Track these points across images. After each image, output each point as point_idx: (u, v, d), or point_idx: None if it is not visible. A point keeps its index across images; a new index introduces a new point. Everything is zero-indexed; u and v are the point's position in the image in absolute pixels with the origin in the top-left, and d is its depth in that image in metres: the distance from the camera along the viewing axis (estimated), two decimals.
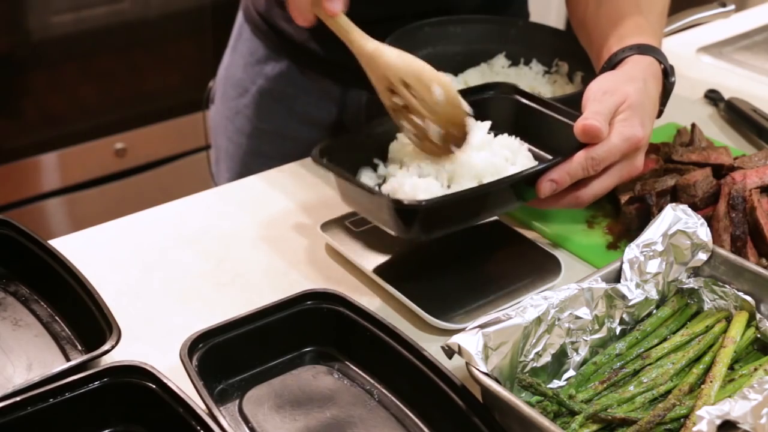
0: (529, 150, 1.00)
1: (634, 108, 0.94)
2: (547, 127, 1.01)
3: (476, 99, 1.00)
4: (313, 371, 0.83)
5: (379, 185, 0.94)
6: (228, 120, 1.38)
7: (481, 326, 0.75)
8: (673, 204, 0.90)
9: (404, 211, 0.86)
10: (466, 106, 0.94)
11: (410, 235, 0.88)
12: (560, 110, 1.00)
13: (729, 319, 0.85)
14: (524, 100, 1.03)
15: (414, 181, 0.91)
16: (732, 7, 1.31)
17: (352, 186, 0.90)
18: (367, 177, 0.95)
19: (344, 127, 1.29)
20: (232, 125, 1.37)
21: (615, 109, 0.94)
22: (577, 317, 0.81)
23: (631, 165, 0.96)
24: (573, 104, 1.15)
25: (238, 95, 1.35)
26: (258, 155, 1.34)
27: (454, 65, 1.22)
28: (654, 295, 0.86)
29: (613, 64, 1.01)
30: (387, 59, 0.93)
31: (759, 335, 0.85)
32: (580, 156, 0.92)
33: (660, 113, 1.03)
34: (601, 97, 0.95)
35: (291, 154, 1.19)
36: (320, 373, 0.83)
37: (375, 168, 0.97)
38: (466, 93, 1.01)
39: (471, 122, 0.95)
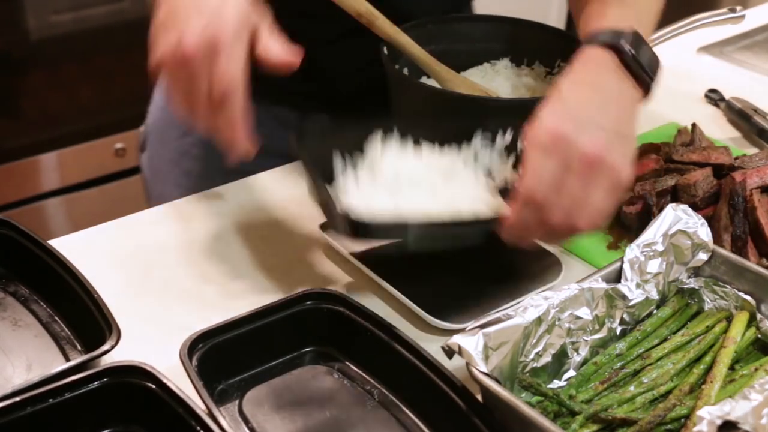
0: None
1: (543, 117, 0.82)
2: None
3: None
4: (313, 371, 0.83)
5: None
6: (173, 164, 1.23)
7: (481, 326, 0.75)
8: (674, 204, 0.90)
9: (354, 224, 0.84)
10: None
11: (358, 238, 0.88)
12: None
13: (729, 320, 0.85)
14: None
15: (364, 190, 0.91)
16: (743, 13, 1.29)
17: (316, 187, 0.88)
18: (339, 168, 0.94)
19: None
20: (178, 169, 1.23)
21: None
22: (578, 317, 0.81)
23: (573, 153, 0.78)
24: None
25: (180, 135, 1.22)
26: None
27: (457, 63, 1.22)
28: (654, 295, 0.86)
29: None
30: None
31: (759, 335, 0.84)
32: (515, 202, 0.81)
33: (647, 88, 0.87)
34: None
35: None
36: (320, 373, 0.83)
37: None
38: None
39: None
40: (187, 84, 0.78)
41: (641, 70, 0.85)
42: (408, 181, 0.92)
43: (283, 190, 1.11)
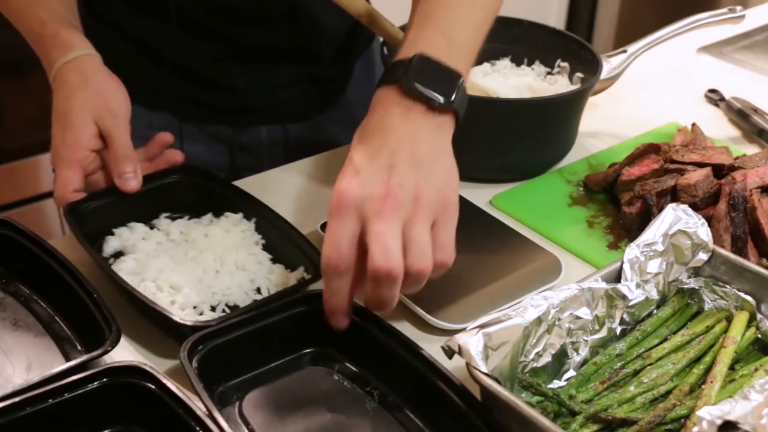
0: None
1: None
2: None
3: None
4: (313, 373, 0.83)
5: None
6: None
7: (481, 326, 0.75)
8: (674, 204, 0.89)
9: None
10: None
11: None
12: None
13: (729, 320, 0.85)
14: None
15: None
16: (743, 13, 1.29)
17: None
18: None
19: (245, 165, 1.22)
20: None
21: None
22: (578, 317, 0.81)
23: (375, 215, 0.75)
24: (569, 103, 1.16)
25: None
26: None
27: None
28: (654, 295, 0.86)
29: None
30: None
31: (759, 335, 0.84)
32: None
33: (444, 109, 0.82)
34: None
35: None
36: (320, 374, 0.83)
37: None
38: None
39: None
40: None
41: (428, 95, 0.80)
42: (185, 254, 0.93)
43: (282, 189, 1.11)
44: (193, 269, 0.90)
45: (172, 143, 1.03)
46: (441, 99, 0.81)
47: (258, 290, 0.91)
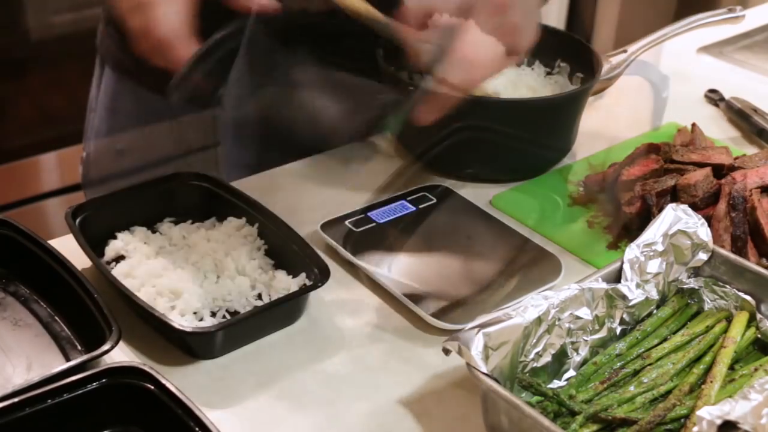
0: None
1: None
2: None
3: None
4: None
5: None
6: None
7: (481, 326, 0.75)
8: (674, 204, 0.89)
9: None
10: None
11: None
12: None
13: (729, 319, 0.85)
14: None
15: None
16: (742, 13, 1.29)
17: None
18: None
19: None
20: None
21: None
22: (578, 317, 0.81)
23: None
24: (570, 103, 1.15)
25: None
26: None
27: None
28: (654, 295, 0.86)
29: None
30: None
31: (759, 335, 0.84)
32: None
33: None
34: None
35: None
36: None
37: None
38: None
39: None
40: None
41: None
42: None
43: (282, 189, 1.11)
44: (193, 274, 0.90)
45: None
46: None
47: (259, 296, 0.91)
